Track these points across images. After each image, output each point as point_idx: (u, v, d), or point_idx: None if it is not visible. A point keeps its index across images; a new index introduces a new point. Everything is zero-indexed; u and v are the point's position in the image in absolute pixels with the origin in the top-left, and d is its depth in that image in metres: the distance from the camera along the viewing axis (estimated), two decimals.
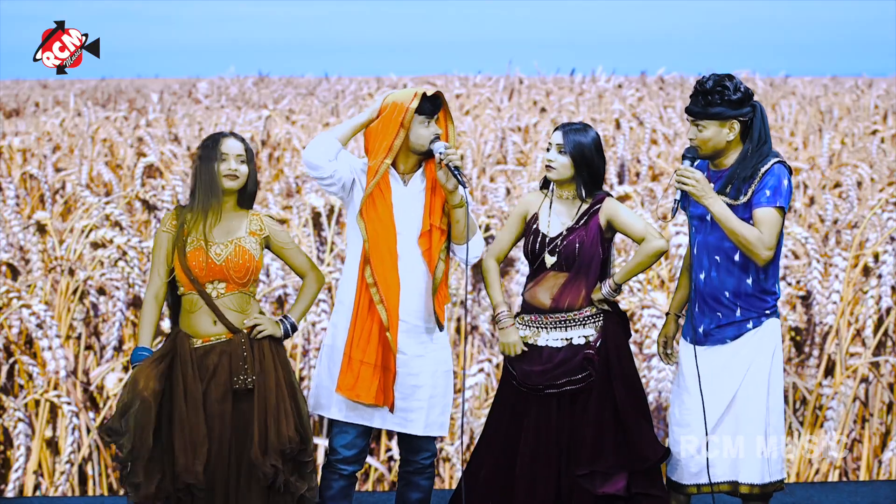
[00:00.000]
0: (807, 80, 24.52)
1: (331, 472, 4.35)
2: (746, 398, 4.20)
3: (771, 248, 4.07)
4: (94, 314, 7.20)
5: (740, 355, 4.21)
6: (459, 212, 4.26)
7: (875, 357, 6.77)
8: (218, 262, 4.12)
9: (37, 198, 10.55)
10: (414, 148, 4.26)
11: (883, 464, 6.47)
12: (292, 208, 8.22)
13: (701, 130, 4.17)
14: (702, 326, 4.25)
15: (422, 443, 4.40)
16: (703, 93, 4.15)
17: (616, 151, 12.57)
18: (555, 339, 4.35)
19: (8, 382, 6.80)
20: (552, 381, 4.32)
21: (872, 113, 17.38)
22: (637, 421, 4.36)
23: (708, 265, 4.24)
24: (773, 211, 4.07)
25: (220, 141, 4.15)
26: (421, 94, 4.22)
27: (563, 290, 4.35)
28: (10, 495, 6.10)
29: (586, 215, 4.37)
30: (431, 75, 24.78)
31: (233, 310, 4.18)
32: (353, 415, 4.29)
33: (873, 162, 11.66)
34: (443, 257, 4.30)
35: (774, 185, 4.08)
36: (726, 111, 4.12)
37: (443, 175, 4.21)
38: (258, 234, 4.22)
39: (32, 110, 20.45)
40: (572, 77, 23.00)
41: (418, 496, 4.44)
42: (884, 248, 6.92)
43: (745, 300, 4.19)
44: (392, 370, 4.23)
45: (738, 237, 4.06)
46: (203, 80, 24.98)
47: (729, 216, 4.06)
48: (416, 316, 4.29)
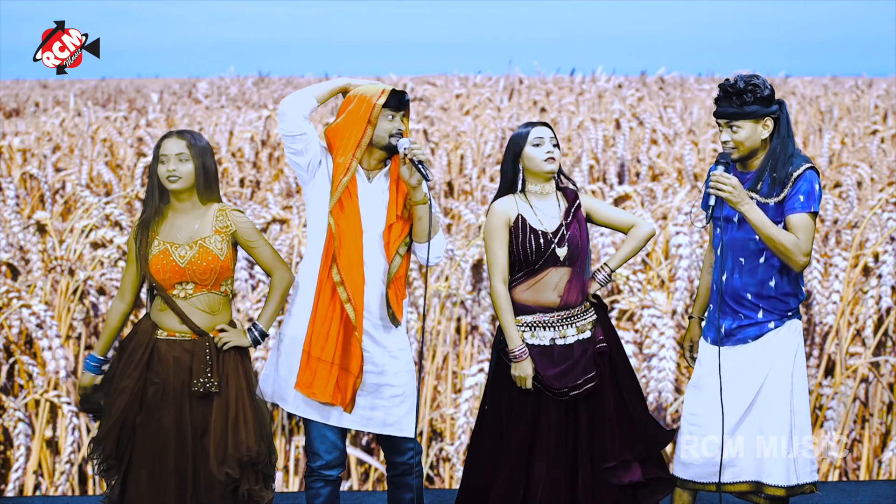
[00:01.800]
0: (807, 80, 24.53)
1: (316, 480, 4.27)
2: (769, 398, 4.20)
3: (807, 254, 4.09)
4: (94, 314, 7.20)
5: (762, 355, 4.20)
6: (422, 209, 4.20)
7: (875, 357, 6.77)
8: (181, 265, 4.10)
9: (37, 198, 10.55)
10: (376, 142, 4.21)
11: (883, 464, 6.48)
12: (292, 208, 8.21)
13: (736, 132, 4.16)
14: (724, 326, 4.25)
15: (403, 443, 4.34)
16: (735, 93, 4.14)
17: (616, 151, 12.57)
18: (562, 336, 4.36)
19: (8, 382, 6.80)
20: (573, 381, 4.32)
21: (872, 113, 17.38)
22: (644, 407, 4.42)
23: (731, 266, 4.24)
24: (807, 216, 4.10)
25: (160, 143, 4.13)
26: (389, 90, 4.19)
27: (569, 286, 4.34)
28: (10, 495, 6.10)
29: (572, 210, 4.37)
30: (431, 75, 24.79)
31: (201, 310, 4.15)
32: (310, 410, 4.22)
33: (873, 162, 11.67)
34: (401, 252, 4.23)
35: (808, 191, 4.09)
36: (761, 109, 4.14)
37: (406, 171, 4.15)
38: (224, 232, 4.17)
39: (32, 110, 20.45)
40: (572, 77, 23.01)
41: (411, 496, 4.40)
42: (884, 248, 6.93)
43: (767, 302, 4.20)
44: (353, 372, 4.17)
45: (776, 243, 4.07)
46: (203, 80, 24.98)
47: (766, 222, 4.07)
48: (376, 313, 4.23)
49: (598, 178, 11.84)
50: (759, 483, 4.24)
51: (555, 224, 4.35)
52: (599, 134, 12.88)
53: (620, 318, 6.70)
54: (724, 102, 4.17)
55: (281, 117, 4.15)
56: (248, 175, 11.90)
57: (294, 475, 6.61)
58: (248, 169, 12.28)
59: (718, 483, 4.25)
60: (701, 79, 24.12)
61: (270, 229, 7.55)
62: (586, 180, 10.65)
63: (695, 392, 4.33)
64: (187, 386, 4.10)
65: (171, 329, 4.15)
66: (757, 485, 4.24)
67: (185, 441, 4.09)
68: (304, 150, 4.16)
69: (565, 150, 12.74)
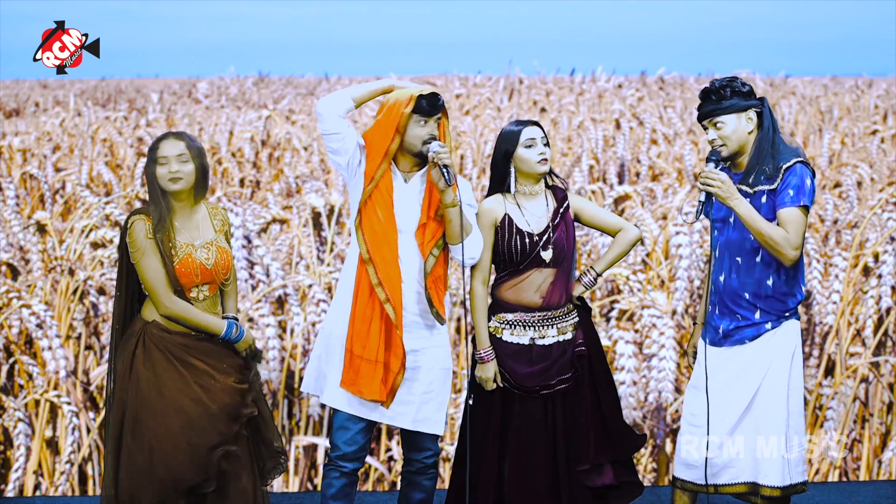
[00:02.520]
0: (807, 80, 24.53)
1: (332, 470, 4.35)
2: (766, 399, 4.20)
3: (797, 248, 4.09)
4: (94, 314, 7.20)
5: (759, 356, 4.21)
6: (451, 212, 4.24)
7: (875, 357, 6.77)
8: (209, 266, 4.12)
9: (37, 198, 10.55)
10: (408, 148, 4.26)
11: (883, 464, 6.47)
12: (292, 208, 8.21)
13: (720, 128, 4.18)
14: (721, 327, 4.26)
15: (424, 441, 4.39)
16: (712, 91, 4.18)
17: (616, 151, 12.56)
18: (541, 336, 4.37)
19: (8, 382, 6.80)
20: (546, 381, 4.34)
21: (872, 113, 17.38)
22: (619, 410, 4.46)
23: (728, 266, 4.24)
24: (797, 210, 4.09)
25: (158, 145, 4.09)
26: (416, 96, 4.21)
27: (552, 287, 4.36)
28: (10, 495, 6.10)
29: (560, 211, 4.37)
30: (431, 75, 24.79)
31: (209, 310, 4.17)
32: (343, 402, 4.30)
33: (873, 162, 11.66)
34: (435, 253, 4.29)
35: (797, 185, 4.09)
36: (740, 101, 4.16)
37: (436, 174, 4.19)
38: (223, 230, 4.23)
39: (32, 110, 20.46)
40: (572, 77, 23.01)
41: (421, 496, 4.43)
42: (884, 248, 6.93)
43: (765, 301, 4.20)
44: (393, 369, 4.23)
45: (765, 237, 4.07)
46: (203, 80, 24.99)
47: (755, 217, 4.07)
48: (413, 311, 4.29)
49: (598, 178, 11.84)
50: (756, 484, 4.24)
51: (542, 225, 4.37)
52: (599, 134, 12.88)
53: (620, 318, 6.70)
54: (703, 103, 4.20)
55: (318, 116, 4.25)
56: (248, 175, 11.90)
57: (294, 475, 6.61)
58: (248, 169, 12.27)
59: (706, 484, 4.26)
60: (701, 79, 24.13)
61: (270, 229, 7.56)
62: (586, 180, 10.65)
63: (694, 392, 4.34)
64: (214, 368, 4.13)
65: (185, 330, 4.15)
66: (754, 486, 4.25)
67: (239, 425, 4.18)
68: (340, 150, 4.24)
69: (565, 149, 12.74)
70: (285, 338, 6.71)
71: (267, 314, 6.34)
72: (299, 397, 6.73)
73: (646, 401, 6.01)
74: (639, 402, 6.14)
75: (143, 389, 4.05)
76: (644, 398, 6.00)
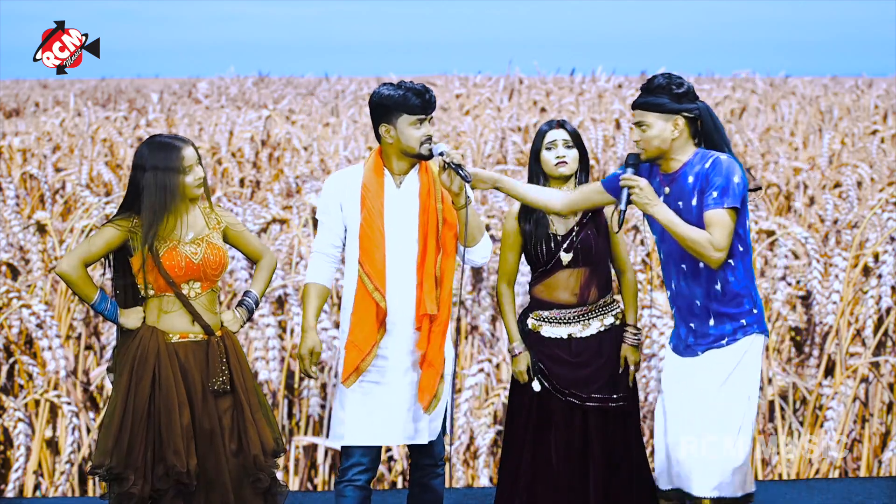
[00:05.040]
0: (807, 80, 24.56)
1: (345, 485, 4.23)
2: (719, 410, 4.07)
3: (721, 250, 3.96)
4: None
5: (715, 366, 4.08)
6: (463, 213, 4.15)
7: (875, 357, 6.77)
8: (196, 262, 4.10)
9: (37, 198, 10.55)
10: (406, 151, 4.16)
11: (883, 464, 6.47)
12: (292, 208, 8.21)
13: (645, 130, 4.05)
14: (681, 335, 4.20)
15: (435, 445, 4.34)
16: (649, 87, 4.06)
17: (616, 151, 12.57)
18: (579, 330, 4.40)
19: (8, 382, 6.80)
20: (582, 389, 4.35)
21: (872, 113, 17.38)
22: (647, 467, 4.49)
23: (676, 275, 4.16)
24: (721, 212, 3.96)
25: (180, 154, 4.05)
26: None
27: (585, 285, 4.38)
28: (10, 495, 6.10)
29: (589, 213, 4.40)
30: (431, 75, 24.84)
31: (207, 310, 4.15)
32: (364, 437, 4.20)
33: (873, 162, 11.66)
34: (439, 260, 4.18)
35: (722, 186, 3.96)
36: (670, 103, 4.01)
37: (447, 177, 4.07)
38: (217, 228, 4.20)
39: (32, 110, 20.48)
40: (572, 77, 23.03)
41: (434, 498, 4.39)
42: (884, 248, 6.93)
43: (718, 304, 4.07)
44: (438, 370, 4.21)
45: (687, 241, 3.97)
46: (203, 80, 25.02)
47: (675, 221, 3.97)
48: (410, 317, 4.20)
49: (599, 178, 11.86)
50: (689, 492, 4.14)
51: (568, 226, 4.38)
52: (599, 134, 12.89)
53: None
54: (639, 96, 4.09)
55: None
56: (248, 175, 11.90)
57: (294, 475, 6.61)
58: (248, 169, 12.28)
59: (657, 489, 4.24)
60: (701, 79, 24.14)
61: (270, 229, 7.55)
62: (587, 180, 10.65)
63: (660, 399, 4.28)
64: (206, 384, 4.10)
65: (184, 331, 4.13)
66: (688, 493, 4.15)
67: (215, 440, 4.10)
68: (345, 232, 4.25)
69: None
70: (285, 338, 6.71)
71: (267, 314, 6.33)
72: (299, 397, 6.73)
73: (646, 401, 6.01)
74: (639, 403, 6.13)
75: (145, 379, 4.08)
76: (644, 398, 6.00)
